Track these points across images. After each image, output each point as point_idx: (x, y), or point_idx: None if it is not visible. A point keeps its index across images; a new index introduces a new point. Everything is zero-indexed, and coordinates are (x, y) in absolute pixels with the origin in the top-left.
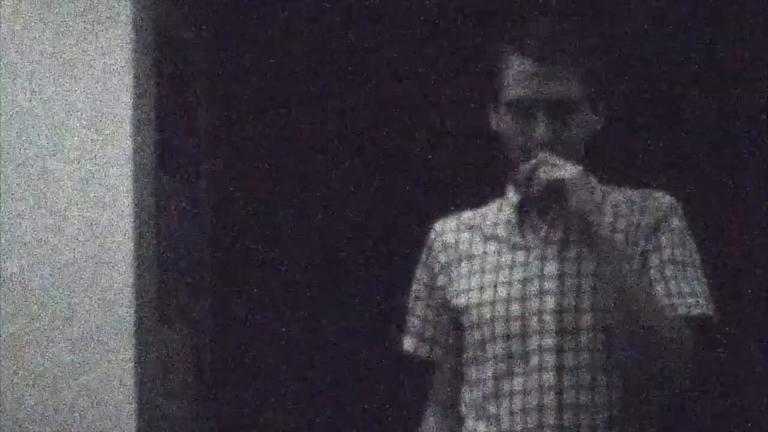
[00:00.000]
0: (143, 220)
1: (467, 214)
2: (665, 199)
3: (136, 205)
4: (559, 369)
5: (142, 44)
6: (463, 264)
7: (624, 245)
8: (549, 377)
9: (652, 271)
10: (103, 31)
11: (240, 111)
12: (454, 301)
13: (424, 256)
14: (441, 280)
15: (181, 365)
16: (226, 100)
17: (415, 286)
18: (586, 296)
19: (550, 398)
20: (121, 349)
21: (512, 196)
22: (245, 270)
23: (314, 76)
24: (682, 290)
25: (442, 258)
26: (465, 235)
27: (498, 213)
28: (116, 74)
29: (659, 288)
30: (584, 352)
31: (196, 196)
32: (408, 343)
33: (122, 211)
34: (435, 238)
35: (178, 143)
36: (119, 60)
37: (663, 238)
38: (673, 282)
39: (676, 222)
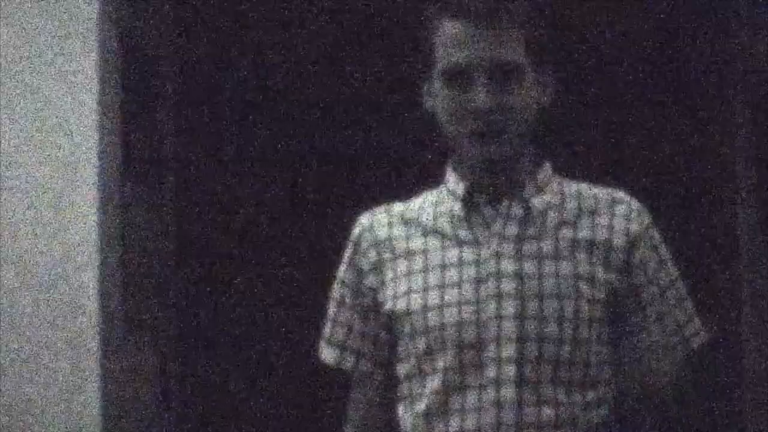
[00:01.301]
0: (108, 226)
1: (398, 206)
2: (634, 205)
3: (101, 211)
4: (520, 382)
5: (107, 50)
6: (399, 262)
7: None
8: (508, 391)
9: (643, 295)
10: (68, 37)
11: (205, 117)
12: (389, 305)
13: (348, 255)
14: (371, 281)
15: (146, 371)
16: (191, 106)
17: (337, 289)
18: (550, 299)
19: (508, 415)
20: (87, 355)
21: (454, 184)
22: (210, 276)
23: (280, 81)
24: (677, 320)
25: (372, 255)
26: (399, 230)
27: (436, 205)
28: (82, 80)
29: (653, 318)
30: (547, 364)
31: (162, 203)
32: (329, 355)
33: (87, 217)
34: (362, 234)
35: (144, 150)
36: (85, 66)
37: (645, 257)
38: (666, 312)
39: (654, 237)
